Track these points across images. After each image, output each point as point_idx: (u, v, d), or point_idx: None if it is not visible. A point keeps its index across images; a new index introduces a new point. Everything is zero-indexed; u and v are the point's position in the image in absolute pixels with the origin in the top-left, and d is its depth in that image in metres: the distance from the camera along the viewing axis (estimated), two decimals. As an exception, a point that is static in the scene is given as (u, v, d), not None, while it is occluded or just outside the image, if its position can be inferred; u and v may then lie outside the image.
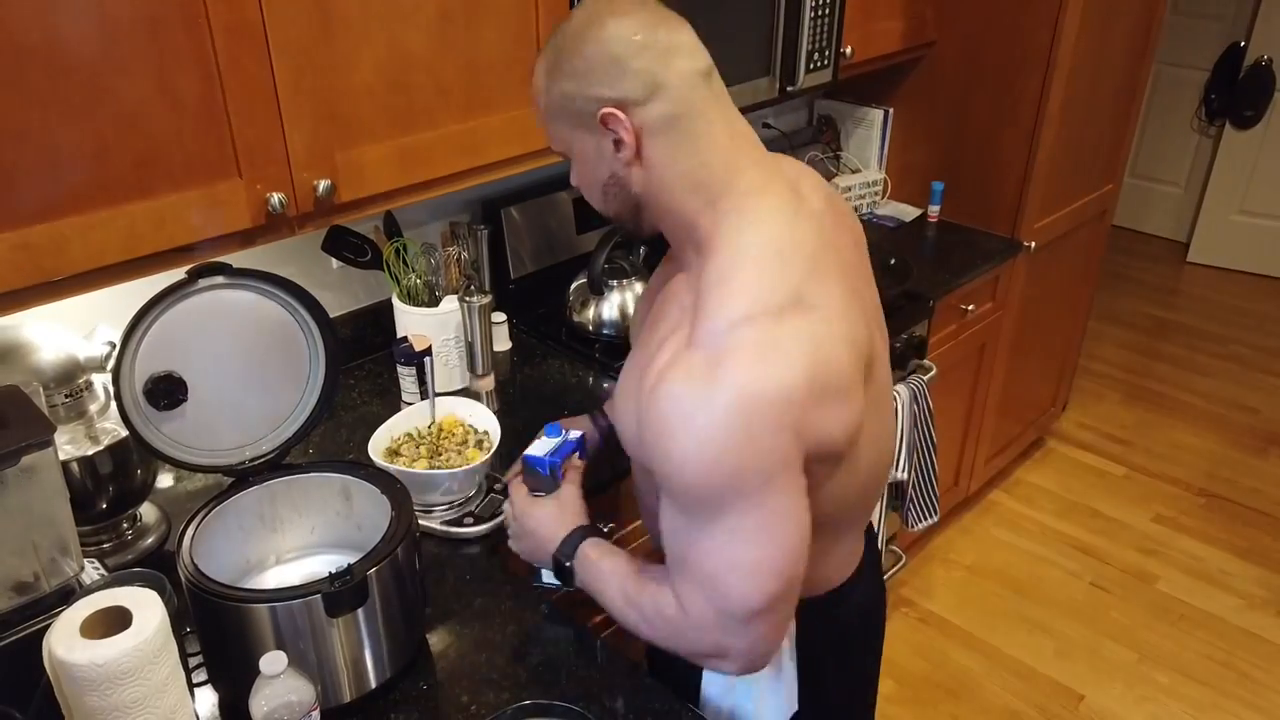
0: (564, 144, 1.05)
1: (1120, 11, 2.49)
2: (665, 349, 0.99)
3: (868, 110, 2.67)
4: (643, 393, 0.99)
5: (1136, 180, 4.81)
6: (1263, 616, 2.65)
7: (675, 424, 0.93)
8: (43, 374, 1.24)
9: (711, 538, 0.97)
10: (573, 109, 1.00)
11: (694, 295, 1.00)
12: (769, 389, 0.91)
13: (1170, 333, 4.11)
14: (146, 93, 1.14)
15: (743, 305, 0.95)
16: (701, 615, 1.02)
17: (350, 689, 1.14)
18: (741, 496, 0.94)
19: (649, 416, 0.97)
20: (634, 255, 2.03)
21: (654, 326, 1.07)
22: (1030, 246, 2.54)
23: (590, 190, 1.08)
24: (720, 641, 1.02)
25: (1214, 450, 3.35)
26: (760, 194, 1.01)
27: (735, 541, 0.97)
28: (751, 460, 0.92)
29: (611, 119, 0.98)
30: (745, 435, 0.91)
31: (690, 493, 0.96)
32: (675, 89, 0.97)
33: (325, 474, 1.26)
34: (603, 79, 0.97)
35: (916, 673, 2.48)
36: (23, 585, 1.04)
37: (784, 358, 0.93)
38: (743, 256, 0.98)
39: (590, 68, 0.97)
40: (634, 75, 0.96)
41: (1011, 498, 3.12)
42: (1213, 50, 4.42)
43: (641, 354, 1.08)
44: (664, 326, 1.04)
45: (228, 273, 1.15)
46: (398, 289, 1.75)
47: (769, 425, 0.92)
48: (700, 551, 0.99)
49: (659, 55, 0.97)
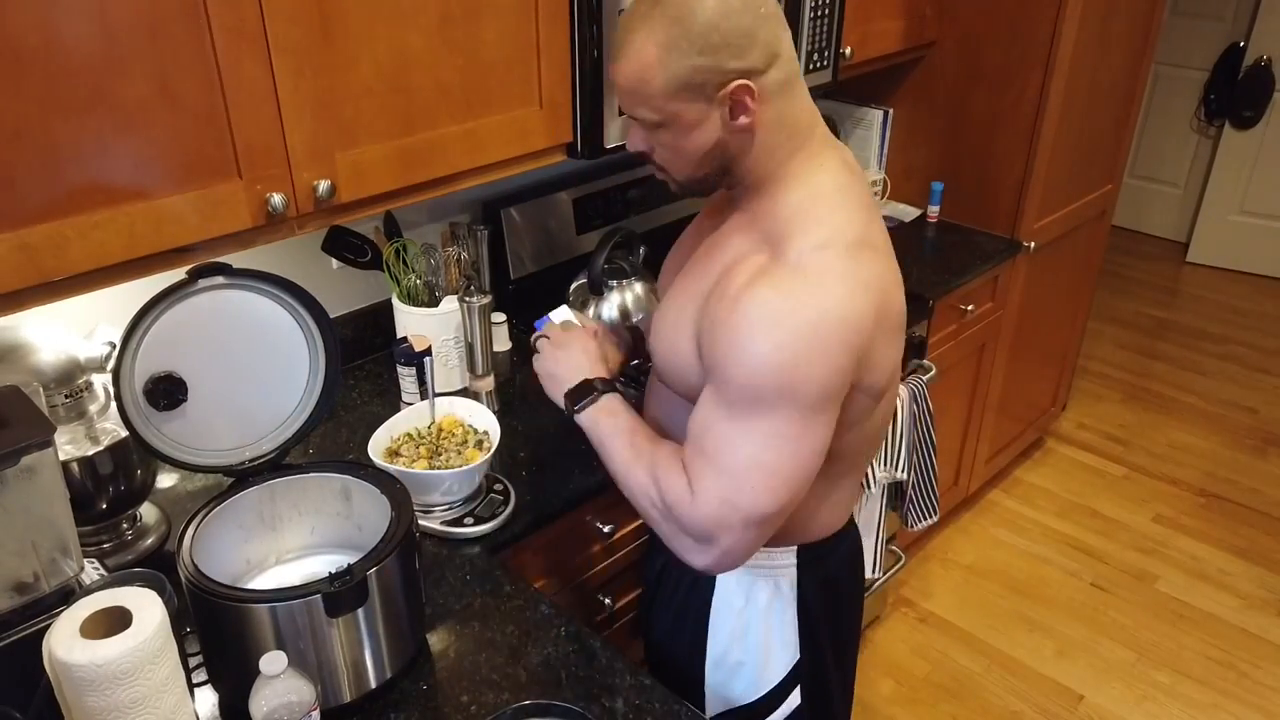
0: (664, 114, 1.04)
1: (1120, 12, 2.49)
2: (740, 270, 1.06)
3: (867, 110, 2.67)
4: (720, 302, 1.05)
5: (1136, 180, 4.81)
6: (1262, 616, 2.66)
7: (757, 325, 1.00)
8: (43, 374, 1.24)
9: (747, 435, 1.03)
10: (696, 82, 1.00)
11: (767, 225, 1.07)
12: (847, 312, 1.01)
13: (1170, 333, 4.11)
14: (146, 93, 1.14)
15: (824, 233, 1.04)
16: (707, 502, 1.07)
17: (350, 689, 1.14)
18: (792, 405, 1.01)
19: (729, 318, 1.03)
20: (634, 255, 2.03)
21: (709, 257, 1.14)
22: (1030, 246, 2.54)
23: (683, 159, 1.08)
24: (713, 531, 1.08)
25: (1214, 450, 3.35)
26: (829, 146, 1.11)
27: (769, 445, 1.03)
28: (816, 373, 1.01)
29: (743, 91, 1.00)
30: (819, 349, 1.00)
31: (747, 388, 1.02)
32: (786, 54, 1.03)
33: (325, 474, 1.26)
34: (735, 52, 0.99)
35: (916, 673, 2.48)
36: (23, 585, 1.04)
37: (861, 286, 1.02)
38: (820, 193, 1.07)
39: (725, 41, 0.98)
40: (760, 46, 1.00)
41: (1011, 498, 3.12)
42: (1212, 50, 4.42)
43: (697, 281, 1.13)
44: (727, 255, 1.10)
45: (228, 273, 1.15)
46: (398, 289, 1.75)
47: (840, 345, 1.01)
48: (730, 445, 1.05)
49: (777, 22, 1.02)
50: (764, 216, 1.09)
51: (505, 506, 1.47)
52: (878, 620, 2.61)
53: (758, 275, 1.03)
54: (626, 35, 1.02)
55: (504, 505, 1.48)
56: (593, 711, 1.15)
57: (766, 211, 1.09)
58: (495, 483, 1.52)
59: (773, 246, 1.06)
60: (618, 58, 1.04)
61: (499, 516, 1.46)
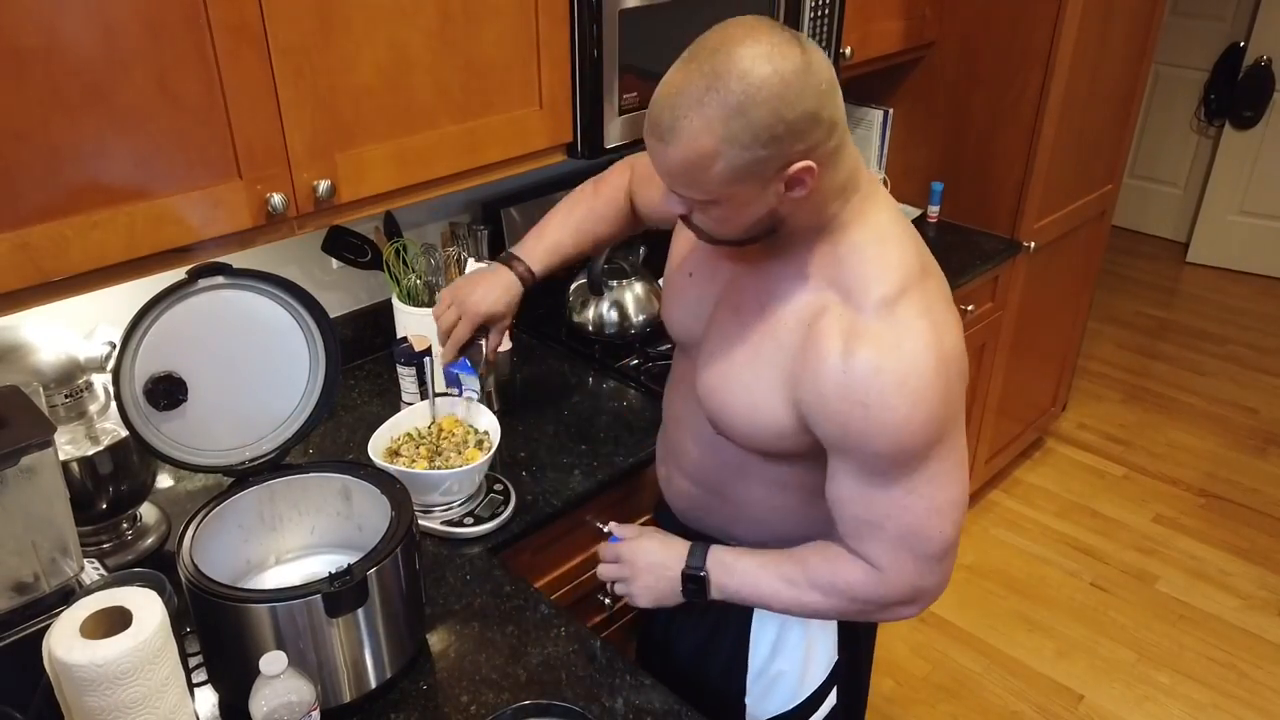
0: (717, 196, 0.98)
1: (1120, 12, 2.49)
2: (825, 332, 1.02)
3: (867, 110, 2.67)
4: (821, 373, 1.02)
5: (1136, 180, 4.81)
6: (1263, 616, 2.66)
7: (886, 393, 0.99)
8: (43, 374, 1.24)
9: (912, 492, 1.04)
10: (757, 170, 0.94)
11: (832, 272, 1.05)
12: (949, 343, 1.02)
13: (1170, 333, 4.11)
14: (146, 93, 1.14)
15: (898, 276, 1.02)
16: (901, 569, 1.08)
17: (350, 689, 1.14)
18: (943, 444, 1.03)
19: (849, 393, 1.00)
20: (634, 255, 2.03)
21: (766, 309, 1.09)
22: (1030, 246, 2.54)
23: (730, 228, 1.03)
24: (916, 586, 1.10)
25: (1214, 450, 3.35)
26: (874, 183, 1.09)
27: (937, 487, 1.05)
28: (953, 409, 1.03)
29: (805, 171, 0.95)
30: (947, 388, 1.01)
31: (900, 455, 1.02)
32: (841, 120, 0.98)
33: (325, 474, 1.26)
34: (799, 137, 0.93)
35: (916, 673, 2.48)
36: (23, 585, 1.04)
37: (945, 316, 1.04)
38: (883, 234, 1.05)
39: (790, 131, 0.92)
40: (824, 124, 0.95)
41: (1011, 498, 3.12)
42: (1212, 50, 4.42)
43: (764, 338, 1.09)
44: (792, 307, 1.07)
45: (228, 273, 1.15)
46: (398, 289, 1.76)
47: (956, 375, 1.03)
48: (901, 509, 1.05)
49: (833, 94, 0.96)
50: (826, 264, 1.05)
51: (505, 506, 1.47)
52: (878, 620, 2.61)
53: (853, 337, 1.00)
54: (678, 119, 0.92)
55: (504, 505, 1.48)
56: (593, 711, 1.15)
57: (827, 258, 1.05)
58: (495, 483, 1.52)
59: (845, 297, 1.03)
60: (668, 141, 0.94)
61: (499, 516, 1.46)
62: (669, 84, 0.94)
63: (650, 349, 1.93)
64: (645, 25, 1.61)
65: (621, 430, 1.69)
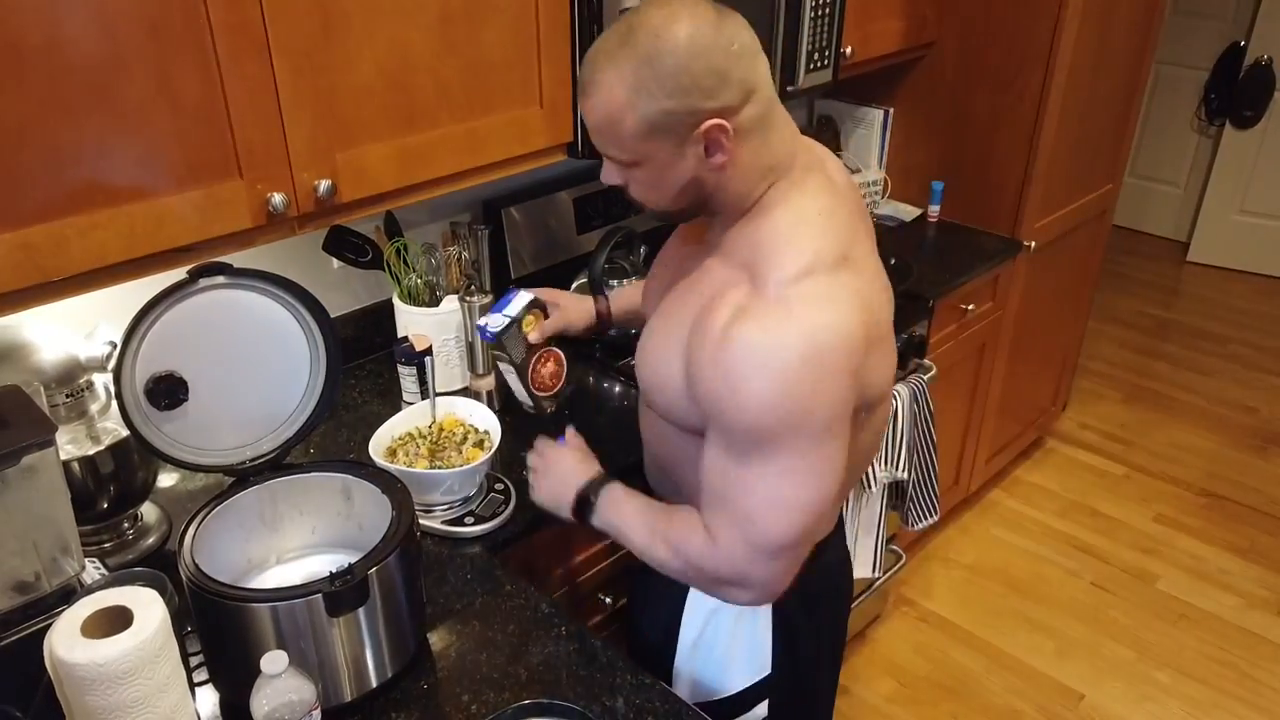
0: (637, 154, 1.02)
1: (1120, 11, 2.49)
2: (722, 303, 1.04)
3: (868, 110, 2.67)
4: (704, 341, 1.03)
5: (1136, 180, 4.81)
6: (1263, 616, 2.66)
7: (750, 367, 0.99)
8: (44, 374, 1.24)
9: (761, 476, 1.03)
10: (668, 124, 0.98)
11: (746, 254, 1.06)
12: (836, 336, 1.00)
13: (1170, 332, 4.11)
14: (147, 93, 1.14)
15: (804, 260, 1.02)
16: (731, 547, 1.08)
17: (351, 688, 1.14)
18: (801, 437, 1.01)
19: (719, 361, 1.01)
20: (634, 255, 2.03)
21: (690, 285, 1.13)
22: (1030, 246, 2.54)
23: (658, 194, 1.07)
24: (744, 571, 1.09)
25: (1214, 450, 3.35)
26: (809, 170, 1.10)
27: (785, 480, 1.03)
28: (818, 403, 1.00)
29: (717, 130, 0.98)
30: (815, 379, 0.99)
31: (752, 432, 1.01)
32: (763, 90, 1.02)
33: (326, 473, 1.27)
34: (707, 92, 0.96)
35: (916, 673, 2.48)
36: (24, 585, 1.04)
37: (845, 308, 1.01)
38: (801, 219, 1.06)
39: (695, 83, 0.96)
40: (734, 84, 0.98)
41: (1011, 497, 3.12)
42: (1213, 50, 4.42)
43: (679, 310, 1.12)
44: (707, 284, 1.09)
45: (228, 273, 1.16)
46: (398, 289, 1.76)
47: (835, 370, 1.00)
48: (744, 488, 1.05)
49: (750, 59, 0.99)
50: (743, 245, 1.07)
51: (506, 506, 1.48)
52: (878, 620, 2.61)
53: (739, 314, 1.01)
54: (594, 74, 0.99)
55: (505, 505, 1.48)
56: (593, 711, 1.15)
57: (746, 239, 1.07)
58: (496, 482, 1.52)
59: (752, 276, 1.04)
60: (587, 95, 1.01)
61: (500, 516, 1.46)
62: (593, 46, 1.01)
63: (651, 348, 1.93)
64: (645, 25, 1.61)
65: (622, 430, 1.69)
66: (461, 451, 1.48)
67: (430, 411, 1.54)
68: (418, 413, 1.54)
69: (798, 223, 1.06)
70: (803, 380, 0.99)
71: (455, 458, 1.47)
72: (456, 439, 1.50)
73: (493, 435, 1.50)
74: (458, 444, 1.49)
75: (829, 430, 1.02)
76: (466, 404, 1.56)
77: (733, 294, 1.04)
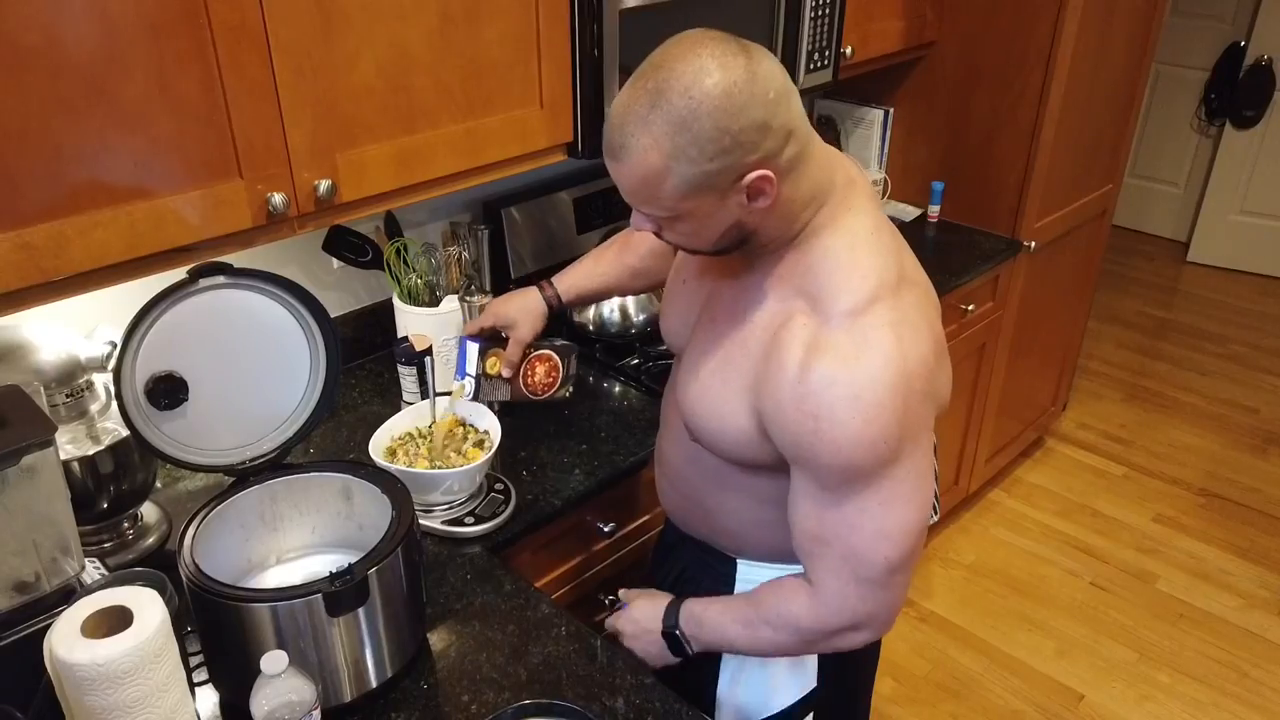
0: (677, 212, 0.97)
1: (1120, 11, 2.49)
2: (790, 339, 1.01)
3: (868, 110, 2.67)
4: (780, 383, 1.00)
5: (1136, 180, 4.81)
6: (1263, 616, 2.66)
7: (837, 407, 0.97)
8: (44, 374, 1.24)
9: (861, 512, 1.02)
10: (709, 183, 0.93)
11: (802, 281, 1.03)
12: (913, 359, 0.99)
13: (1170, 332, 4.11)
14: (147, 92, 1.14)
15: (869, 285, 1.00)
16: (841, 592, 1.07)
17: (351, 688, 1.14)
18: (897, 465, 1.00)
19: (804, 403, 0.99)
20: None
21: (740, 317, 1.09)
22: (1030, 246, 2.54)
23: (699, 240, 1.02)
24: (857, 611, 1.08)
25: (1214, 450, 3.35)
26: (851, 186, 1.06)
27: (887, 511, 1.02)
28: (907, 429, 0.99)
29: (762, 180, 0.94)
30: (904, 407, 0.98)
31: (849, 470, 0.99)
32: (799, 128, 0.96)
33: (326, 474, 1.27)
34: (748, 148, 0.92)
35: (916, 672, 2.48)
36: (24, 585, 1.04)
37: (914, 329, 1.01)
38: (856, 241, 1.03)
39: (736, 142, 0.91)
40: (774, 133, 0.93)
41: (1011, 497, 3.12)
42: (1213, 50, 4.42)
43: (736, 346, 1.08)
44: (762, 315, 1.06)
45: (228, 273, 1.16)
46: (398, 289, 1.76)
47: (918, 392, 1.00)
48: (848, 528, 1.03)
49: (786, 101, 0.94)
50: (796, 273, 1.04)
51: (506, 506, 1.48)
52: (878, 620, 2.61)
53: (814, 350, 0.98)
54: (625, 139, 0.93)
55: (505, 505, 1.48)
56: (593, 711, 1.15)
57: (798, 267, 1.04)
58: (496, 482, 1.52)
59: (814, 306, 1.01)
60: (619, 158, 0.94)
61: (500, 516, 1.46)
62: (618, 104, 0.94)
63: (650, 349, 1.93)
64: (645, 25, 1.61)
65: (622, 430, 1.69)
66: (462, 451, 1.48)
67: (430, 411, 1.54)
68: (418, 413, 1.54)
69: (853, 245, 1.02)
70: (894, 410, 0.97)
71: (455, 458, 1.47)
72: (456, 439, 1.50)
73: (493, 435, 1.50)
74: (458, 444, 1.49)
75: (916, 450, 1.01)
76: (466, 404, 1.56)
77: (795, 328, 1.01)
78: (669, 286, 1.28)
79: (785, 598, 1.12)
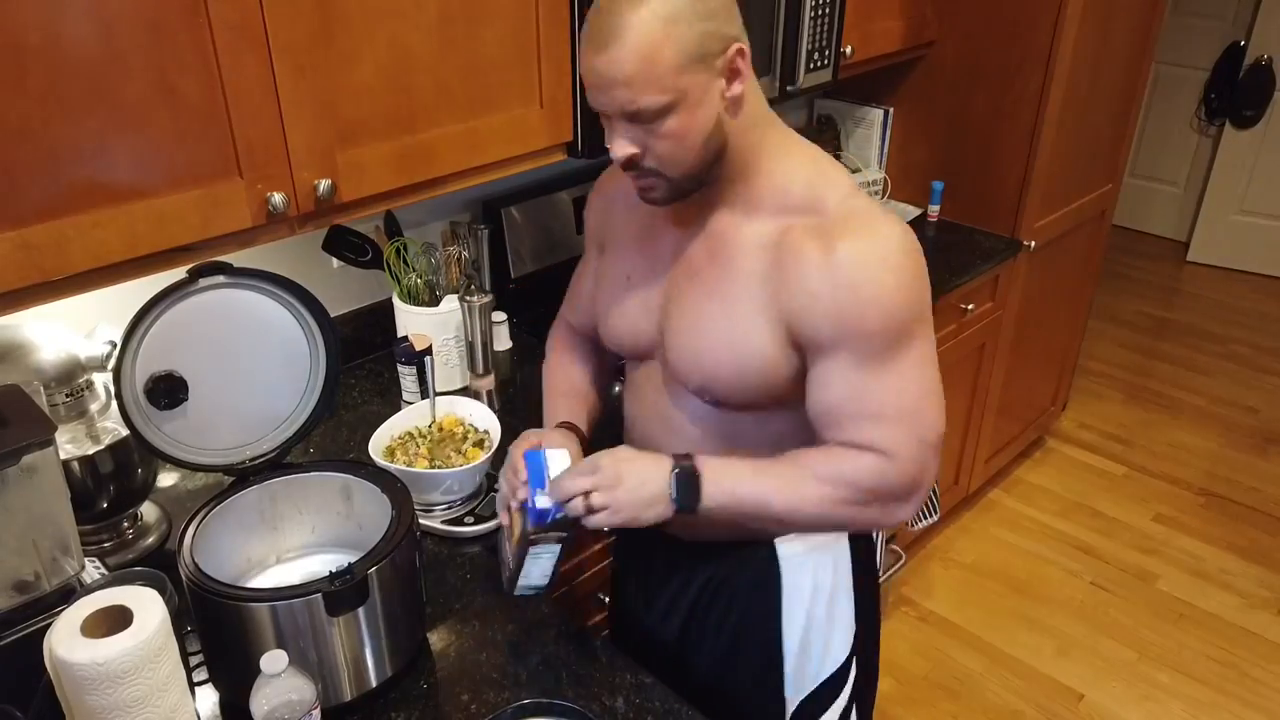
0: (675, 91, 1.00)
1: (1120, 11, 2.49)
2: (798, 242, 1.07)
3: (868, 110, 2.67)
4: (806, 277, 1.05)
5: (1136, 180, 4.81)
6: (1263, 616, 2.66)
7: (873, 270, 1.04)
8: (43, 373, 1.24)
9: (902, 374, 1.07)
10: (704, 48, 1.00)
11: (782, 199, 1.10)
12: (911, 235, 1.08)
13: (1170, 332, 4.11)
14: (147, 92, 1.14)
15: (846, 182, 1.10)
16: (907, 454, 1.09)
17: (351, 688, 1.14)
18: (924, 323, 1.09)
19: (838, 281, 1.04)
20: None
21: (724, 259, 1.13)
22: (1030, 246, 2.54)
23: (693, 140, 1.04)
24: (917, 476, 1.11)
25: (1214, 450, 3.35)
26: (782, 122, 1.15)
27: (923, 371, 1.09)
28: (926, 287, 1.09)
29: (740, 54, 1.02)
30: (919, 266, 1.07)
31: (891, 330, 1.05)
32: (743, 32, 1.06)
33: (326, 473, 1.27)
34: (727, 16, 1.01)
35: (916, 672, 2.48)
36: (24, 584, 1.04)
37: None
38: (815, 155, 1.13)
39: (722, 5, 1.01)
40: (737, 16, 1.04)
41: (1011, 497, 3.12)
42: (1213, 50, 4.42)
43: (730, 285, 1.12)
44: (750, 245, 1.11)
45: (228, 272, 1.16)
46: (398, 288, 1.76)
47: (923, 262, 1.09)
48: (899, 389, 1.08)
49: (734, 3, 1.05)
50: (771, 194, 1.10)
51: (506, 506, 1.47)
52: (878, 620, 2.61)
53: (827, 236, 1.05)
54: (618, 19, 0.97)
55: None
56: (593, 710, 1.15)
57: (771, 188, 1.10)
58: (496, 481, 1.52)
59: (805, 210, 1.08)
60: (611, 45, 0.97)
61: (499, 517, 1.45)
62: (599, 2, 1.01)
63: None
64: (645, 24, 1.61)
65: (621, 430, 1.69)
66: (461, 451, 1.48)
67: (430, 411, 1.54)
68: (418, 412, 1.54)
69: (815, 159, 1.12)
70: (918, 266, 1.07)
71: (455, 458, 1.47)
72: (456, 439, 1.50)
73: (493, 435, 1.50)
74: (458, 444, 1.49)
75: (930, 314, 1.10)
76: (466, 404, 1.56)
77: (800, 232, 1.07)
78: (607, 296, 1.26)
79: (846, 457, 1.09)
